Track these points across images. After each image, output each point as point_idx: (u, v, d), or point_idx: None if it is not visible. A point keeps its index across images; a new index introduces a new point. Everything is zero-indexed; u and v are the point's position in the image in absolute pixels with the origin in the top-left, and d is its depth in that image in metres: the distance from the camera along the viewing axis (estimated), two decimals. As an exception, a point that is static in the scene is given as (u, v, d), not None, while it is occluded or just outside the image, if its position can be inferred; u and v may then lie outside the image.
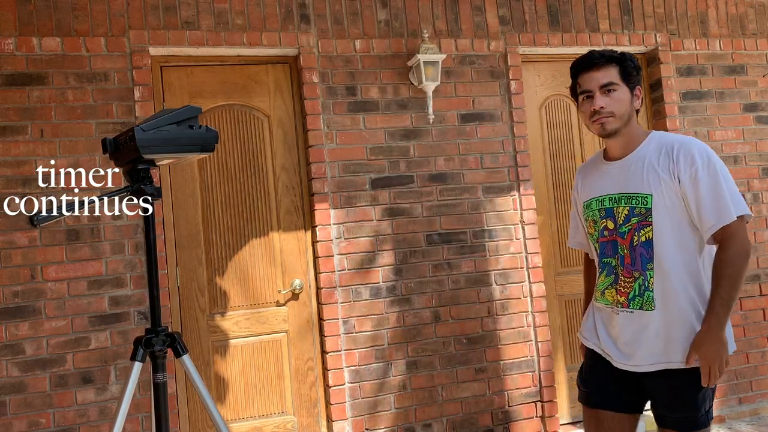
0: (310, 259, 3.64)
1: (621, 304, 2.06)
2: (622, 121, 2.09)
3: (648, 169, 2.04)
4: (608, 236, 2.11)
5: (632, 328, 2.04)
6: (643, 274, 2.01)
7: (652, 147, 2.09)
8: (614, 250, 2.09)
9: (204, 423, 3.43)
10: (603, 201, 2.13)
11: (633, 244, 2.03)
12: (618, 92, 2.08)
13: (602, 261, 2.13)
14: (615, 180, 2.11)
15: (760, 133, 4.34)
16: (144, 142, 1.80)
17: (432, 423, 3.62)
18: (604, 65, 2.08)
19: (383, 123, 3.69)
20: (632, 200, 2.05)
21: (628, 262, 2.04)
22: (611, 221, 2.10)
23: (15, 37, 3.20)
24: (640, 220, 2.03)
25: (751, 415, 4.10)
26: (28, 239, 3.14)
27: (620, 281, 2.06)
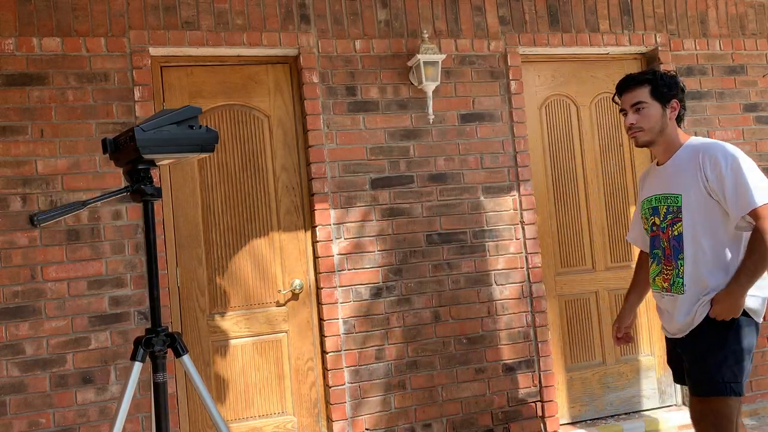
0: (310, 259, 3.64)
1: (665, 289, 2.42)
2: (653, 134, 2.42)
3: (681, 172, 2.37)
4: (655, 231, 2.47)
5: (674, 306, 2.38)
6: (675, 264, 2.37)
7: (686, 152, 2.40)
8: (659, 243, 2.45)
9: (204, 423, 3.43)
10: (651, 200, 2.50)
11: (672, 235, 2.38)
12: (647, 109, 2.40)
13: (652, 252, 2.49)
14: (660, 182, 2.46)
15: (760, 133, 4.34)
16: (144, 142, 1.80)
17: (432, 423, 3.62)
18: (635, 86, 2.42)
19: (383, 123, 3.69)
20: (668, 200, 2.41)
21: (668, 253, 2.40)
22: (657, 218, 2.45)
23: (15, 37, 3.20)
24: (673, 216, 2.38)
25: (751, 415, 4.10)
26: (28, 239, 3.14)
27: (663, 270, 2.43)
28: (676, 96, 2.43)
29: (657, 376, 4.14)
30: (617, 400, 4.06)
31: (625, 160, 4.21)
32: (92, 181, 3.25)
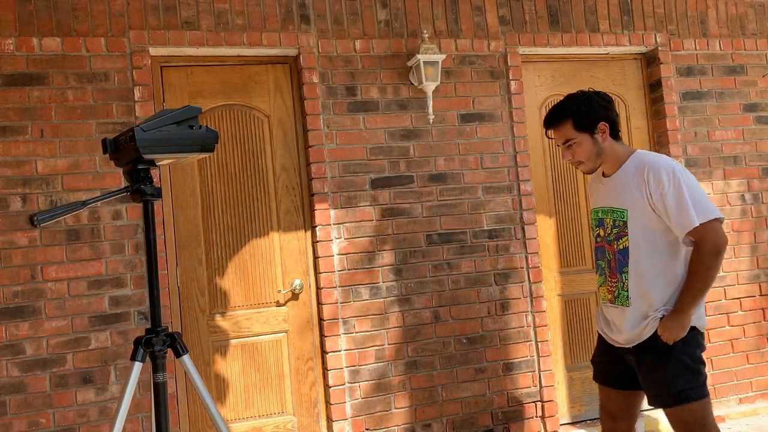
0: (310, 259, 3.64)
1: (610, 300, 2.43)
2: (592, 162, 2.42)
3: (626, 187, 2.36)
4: (600, 242, 2.47)
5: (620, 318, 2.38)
6: (620, 277, 2.37)
7: (631, 167, 2.38)
8: (603, 255, 2.45)
9: (204, 423, 3.43)
10: (597, 212, 2.50)
11: (618, 248, 2.38)
12: (578, 144, 2.39)
13: (597, 263, 2.49)
14: (606, 194, 2.45)
15: (760, 133, 4.34)
16: (144, 142, 1.80)
17: (432, 423, 3.62)
18: (558, 124, 2.42)
19: (383, 123, 3.69)
20: (614, 213, 2.40)
21: (613, 266, 2.40)
22: (603, 230, 2.45)
23: (15, 37, 3.20)
24: (619, 231, 2.37)
25: (751, 415, 4.10)
26: (28, 239, 3.14)
27: (608, 282, 2.43)
28: (600, 119, 2.39)
29: (657, 376, 4.14)
30: (617, 400, 4.05)
31: (625, 160, 4.20)
32: (92, 181, 3.25)
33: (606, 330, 2.48)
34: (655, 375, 2.29)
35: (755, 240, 4.24)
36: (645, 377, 2.34)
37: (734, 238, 4.19)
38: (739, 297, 4.18)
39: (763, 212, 4.28)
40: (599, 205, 2.48)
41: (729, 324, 4.14)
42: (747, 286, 4.20)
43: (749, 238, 4.22)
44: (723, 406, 4.07)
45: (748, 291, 4.20)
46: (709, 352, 4.07)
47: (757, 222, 4.26)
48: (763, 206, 4.28)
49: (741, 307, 4.18)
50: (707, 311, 4.10)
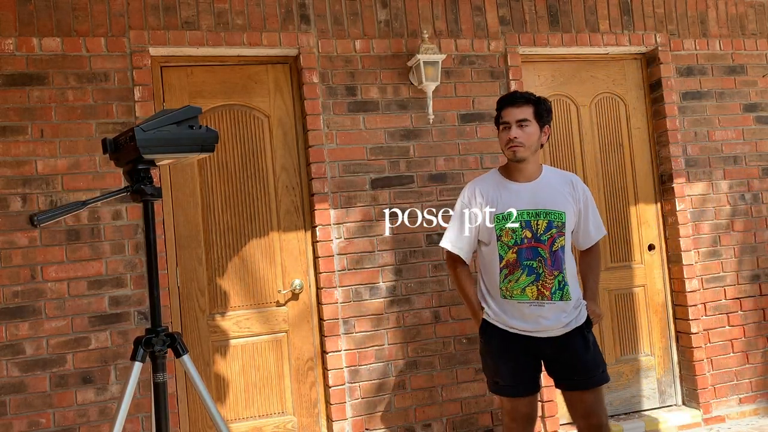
0: (310, 259, 3.64)
1: (545, 297, 2.56)
2: (530, 151, 2.62)
3: (559, 193, 2.64)
4: (528, 243, 2.58)
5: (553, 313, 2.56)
6: (562, 273, 2.58)
7: (555, 176, 2.70)
8: (535, 254, 2.57)
9: (204, 423, 3.43)
10: (522, 214, 2.60)
11: (553, 249, 2.57)
12: (530, 127, 2.61)
13: (523, 263, 2.58)
14: (531, 198, 2.61)
15: (760, 133, 4.34)
16: (144, 142, 1.80)
17: (432, 423, 3.62)
18: (522, 104, 2.63)
19: (383, 123, 3.69)
20: (550, 215, 2.59)
21: (549, 263, 2.57)
22: (529, 231, 2.58)
23: (15, 37, 3.20)
24: (557, 231, 2.59)
25: (751, 415, 4.10)
26: (28, 239, 3.14)
27: (542, 280, 2.56)
28: (549, 123, 2.69)
29: (657, 376, 4.14)
30: (617, 400, 4.06)
31: (625, 160, 4.21)
32: (92, 181, 3.25)
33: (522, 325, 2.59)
34: (588, 356, 2.58)
35: (755, 240, 4.24)
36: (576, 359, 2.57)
37: (734, 238, 4.19)
38: (739, 297, 4.18)
39: (763, 212, 4.28)
40: (523, 207, 2.60)
41: (729, 324, 4.14)
42: (747, 286, 4.20)
43: (749, 238, 4.23)
44: (723, 406, 4.07)
45: (748, 291, 4.20)
46: (709, 352, 4.08)
47: (757, 222, 4.26)
48: (763, 206, 4.28)
49: (741, 307, 4.18)
50: (707, 311, 4.11)
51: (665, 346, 4.17)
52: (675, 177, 4.11)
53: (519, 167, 2.66)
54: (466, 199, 2.74)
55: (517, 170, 2.67)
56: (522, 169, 2.66)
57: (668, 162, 4.14)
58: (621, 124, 4.23)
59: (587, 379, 2.56)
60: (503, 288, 2.61)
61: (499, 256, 2.61)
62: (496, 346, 2.64)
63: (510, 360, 2.62)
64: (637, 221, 4.19)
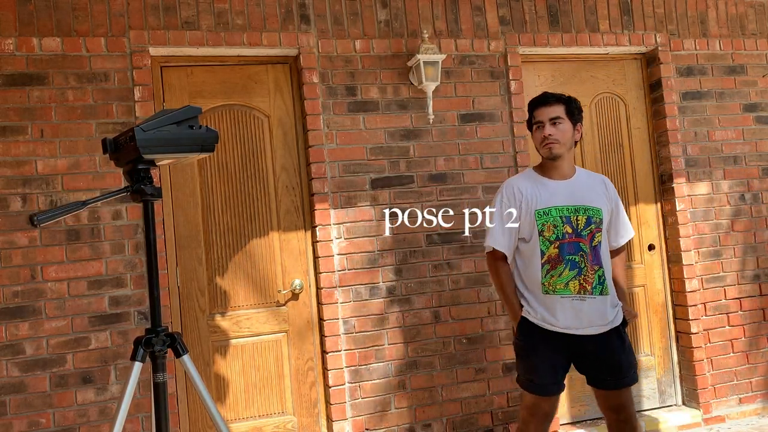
0: (310, 259, 3.64)
1: (587, 291, 2.60)
2: (565, 148, 2.68)
3: (594, 190, 2.72)
4: (569, 238, 2.63)
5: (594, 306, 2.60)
6: (602, 267, 2.64)
7: (588, 176, 2.78)
8: (577, 249, 2.62)
9: (204, 423, 3.43)
10: (562, 210, 2.65)
11: (592, 244, 2.64)
12: (563, 125, 2.67)
13: (566, 258, 2.62)
14: (569, 194, 2.67)
15: (760, 133, 4.34)
16: (144, 142, 1.80)
17: (432, 423, 3.62)
18: (553, 103, 2.69)
19: (383, 123, 3.69)
20: (589, 211, 2.66)
21: (590, 258, 2.62)
22: (569, 226, 2.63)
23: (15, 37, 3.20)
24: (596, 227, 2.65)
25: (751, 415, 4.10)
26: (28, 239, 3.14)
27: (584, 274, 2.61)
28: (581, 121, 2.75)
29: (657, 376, 4.14)
30: (617, 400, 4.06)
31: (625, 160, 4.21)
32: (92, 181, 3.25)
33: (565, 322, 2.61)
34: (623, 355, 2.62)
35: (755, 240, 4.24)
36: (613, 359, 2.61)
37: (734, 238, 4.19)
38: (739, 297, 4.18)
39: (763, 212, 4.28)
40: (562, 203, 2.65)
41: (729, 324, 4.14)
42: (747, 286, 4.20)
43: (749, 238, 4.23)
44: (723, 406, 4.07)
45: (748, 291, 4.20)
46: (709, 352, 4.08)
47: (757, 222, 4.26)
48: (763, 206, 4.28)
49: (741, 307, 4.17)
50: (707, 311, 4.10)
51: (665, 346, 4.17)
52: (675, 177, 4.11)
53: (555, 165, 2.71)
54: (505, 198, 2.74)
55: (553, 168, 2.72)
56: (558, 167, 2.71)
57: (668, 162, 4.14)
58: (621, 124, 4.23)
59: (621, 379, 2.61)
60: (545, 283, 2.63)
61: (541, 252, 2.64)
62: (535, 344, 2.66)
63: (548, 359, 2.64)
64: (637, 221, 4.19)
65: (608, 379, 2.62)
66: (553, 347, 2.64)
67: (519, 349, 2.73)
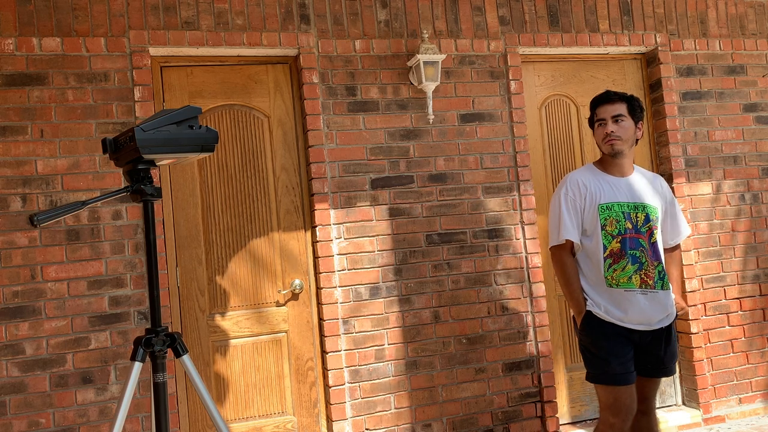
0: (310, 259, 3.64)
1: (649, 286, 2.65)
2: (627, 145, 2.72)
3: (651, 189, 2.77)
4: (630, 234, 2.67)
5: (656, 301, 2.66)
6: (661, 263, 2.70)
7: (645, 175, 2.82)
8: (637, 245, 2.67)
9: (204, 423, 3.43)
10: (623, 206, 2.70)
11: (651, 241, 2.69)
12: (625, 122, 2.71)
13: (628, 253, 2.66)
14: (630, 191, 2.73)
15: (760, 133, 4.34)
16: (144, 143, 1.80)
17: (432, 423, 3.62)
18: (616, 101, 2.73)
19: (383, 123, 3.69)
20: (646, 209, 2.71)
21: (650, 254, 2.68)
22: (630, 222, 2.68)
23: (15, 37, 3.20)
24: (653, 224, 2.71)
25: (751, 415, 4.10)
26: (28, 239, 3.14)
27: (645, 269, 2.66)
28: (642, 120, 2.78)
29: (657, 376, 4.14)
30: (617, 400, 4.06)
31: (625, 160, 4.21)
32: (92, 181, 3.25)
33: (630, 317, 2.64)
34: (673, 347, 2.75)
35: (755, 240, 4.24)
36: (668, 350, 2.73)
37: (734, 238, 4.19)
38: (739, 297, 4.18)
39: (763, 212, 4.28)
40: (623, 199, 2.70)
41: (729, 324, 4.14)
42: (747, 286, 4.20)
43: (749, 238, 4.23)
44: (723, 406, 4.07)
45: (748, 291, 4.20)
46: (709, 352, 4.08)
47: (757, 222, 4.26)
48: (763, 206, 4.28)
49: (741, 307, 4.18)
50: (707, 311, 4.11)
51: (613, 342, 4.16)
52: (675, 177, 4.11)
53: (616, 162, 2.74)
54: (570, 191, 2.75)
55: (614, 165, 2.75)
56: (618, 164, 2.74)
57: (668, 162, 4.14)
58: (621, 124, 4.22)
59: (662, 369, 2.73)
60: (608, 277, 2.65)
61: (603, 246, 2.66)
62: (602, 336, 2.66)
63: (617, 349, 2.65)
64: (637, 221, 4.19)
65: (650, 366, 2.71)
66: (619, 339, 2.65)
67: (586, 344, 2.72)
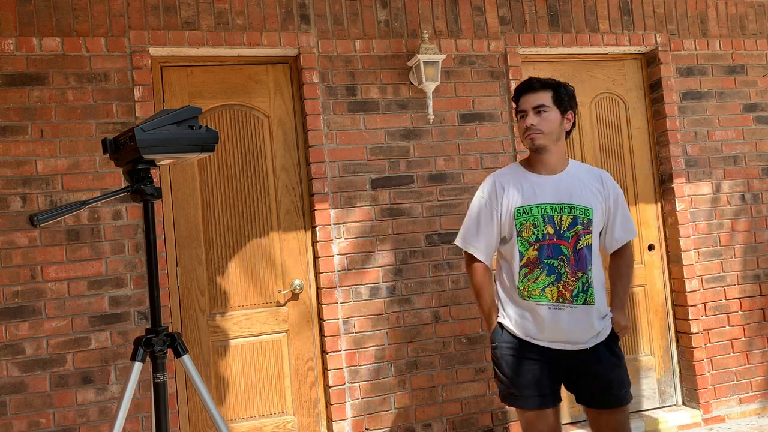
0: (310, 259, 3.64)
1: (566, 300, 2.36)
2: (550, 139, 2.41)
3: (586, 188, 2.44)
4: (549, 240, 2.39)
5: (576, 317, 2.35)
6: (586, 274, 2.38)
7: (582, 170, 2.50)
8: (557, 253, 2.38)
9: (204, 423, 3.43)
10: (545, 208, 2.41)
11: (577, 248, 2.38)
12: (548, 113, 2.41)
13: (543, 261, 2.38)
14: (554, 192, 2.42)
15: (760, 133, 4.34)
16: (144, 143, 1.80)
17: (432, 423, 3.62)
18: (539, 90, 2.43)
19: (383, 123, 3.69)
20: (576, 210, 2.40)
21: (572, 263, 2.37)
22: (551, 227, 2.39)
23: (15, 37, 3.20)
24: (583, 228, 2.39)
25: (751, 415, 4.10)
26: (28, 239, 3.14)
27: (564, 280, 2.37)
28: (572, 108, 2.47)
29: (657, 376, 4.14)
30: (617, 400, 4.06)
31: (625, 160, 4.21)
32: (92, 181, 3.25)
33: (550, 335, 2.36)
34: (614, 372, 2.37)
35: (755, 240, 4.24)
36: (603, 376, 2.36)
37: (734, 238, 4.19)
38: (739, 297, 4.18)
39: (763, 212, 4.28)
40: (546, 201, 2.40)
41: (729, 324, 4.14)
42: (747, 286, 4.20)
43: (749, 238, 4.23)
44: (723, 406, 4.07)
45: (748, 291, 4.20)
46: (709, 352, 4.08)
47: (757, 222, 4.26)
48: (763, 206, 4.28)
49: (741, 307, 4.18)
50: (707, 311, 4.10)
51: (665, 346, 4.17)
52: (675, 177, 4.11)
53: (541, 158, 2.45)
54: (486, 194, 2.52)
55: (539, 161, 2.46)
56: (544, 161, 2.45)
57: (668, 162, 4.14)
58: (621, 124, 4.23)
59: (609, 398, 2.35)
60: (521, 288, 2.40)
61: (519, 254, 2.41)
62: (513, 353, 2.41)
63: (528, 369, 2.38)
64: (637, 221, 4.19)
65: (596, 398, 2.37)
66: (533, 357, 2.38)
67: (495, 359, 2.48)
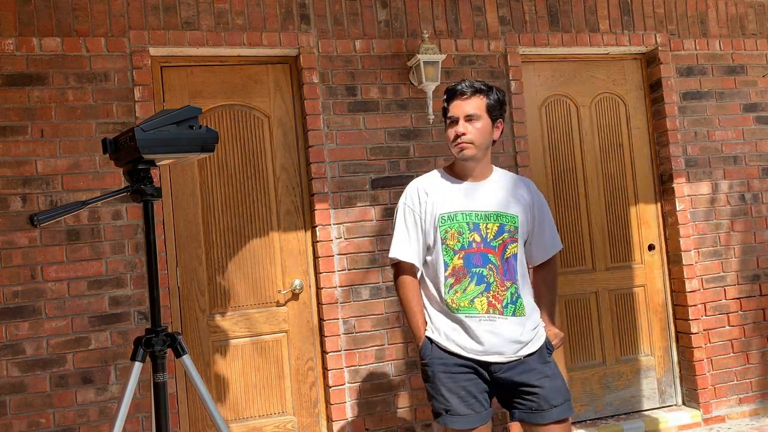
0: (310, 259, 3.64)
1: (497, 311, 2.26)
2: (480, 150, 2.33)
3: (511, 195, 2.37)
4: (476, 248, 2.29)
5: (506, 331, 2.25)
6: (515, 284, 2.31)
7: (507, 178, 2.43)
8: (485, 261, 2.28)
9: (204, 423, 3.44)
10: (470, 215, 2.31)
11: (504, 257, 2.30)
12: (480, 123, 2.32)
13: (471, 270, 2.28)
14: (480, 199, 2.34)
15: (760, 133, 4.34)
16: (144, 143, 1.81)
17: (432, 423, 3.62)
18: (473, 95, 2.32)
19: (383, 123, 3.69)
20: (502, 218, 2.32)
21: (501, 272, 2.29)
22: (477, 235, 2.29)
23: (15, 37, 3.20)
24: (509, 236, 2.31)
25: (751, 415, 4.10)
26: (28, 239, 3.14)
27: (493, 290, 2.27)
28: (502, 116, 2.39)
29: (657, 377, 4.14)
30: (617, 400, 4.06)
31: (625, 160, 4.21)
32: (92, 181, 3.25)
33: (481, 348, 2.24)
34: (553, 383, 2.25)
35: (755, 240, 4.24)
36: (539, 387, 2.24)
37: (734, 238, 4.19)
38: (739, 297, 4.18)
39: (763, 212, 4.28)
40: (472, 208, 2.31)
41: (729, 324, 4.14)
42: (747, 286, 4.20)
43: (749, 238, 4.23)
44: (723, 406, 4.07)
45: (748, 291, 4.20)
46: (709, 352, 4.08)
47: (757, 222, 4.26)
48: (763, 206, 4.28)
49: (741, 307, 4.17)
50: (707, 311, 4.10)
51: (665, 346, 4.18)
52: (675, 177, 4.11)
53: (467, 166, 2.37)
54: (409, 200, 2.39)
55: (465, 169, 2.38)
56: (470, 168, 2.37)
57: (668, 162, 4.14)
58: (621, 124, 4.23)
59: (547, 412, 2.22)
60: (449, 300, 2.27)
61: (444, 263, 2.29)
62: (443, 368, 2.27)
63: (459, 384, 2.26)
64: (637, 221, 4.19)
65: (532, 412, 2.24)
66: (464, 371, 2.26)
67: (425, 376, 2.33)
